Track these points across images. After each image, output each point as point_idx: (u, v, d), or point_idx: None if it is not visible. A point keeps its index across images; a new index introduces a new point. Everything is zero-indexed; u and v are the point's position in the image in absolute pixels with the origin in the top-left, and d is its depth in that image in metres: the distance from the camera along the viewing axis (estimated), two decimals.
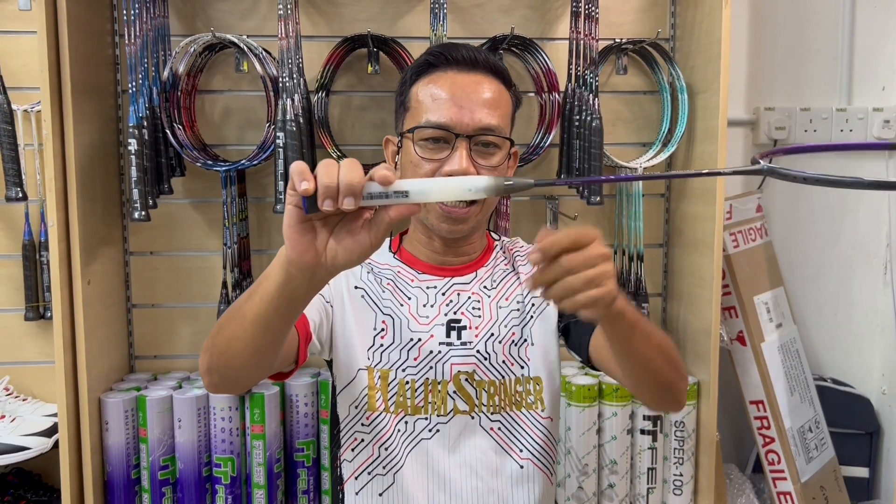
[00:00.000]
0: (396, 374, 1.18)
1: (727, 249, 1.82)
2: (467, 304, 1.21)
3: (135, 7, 1.51)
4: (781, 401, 1.81)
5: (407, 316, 1.20)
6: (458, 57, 1.16)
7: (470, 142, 1.12)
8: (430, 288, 1.22)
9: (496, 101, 1.15)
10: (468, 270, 1.24)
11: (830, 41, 2.01)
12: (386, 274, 1.24)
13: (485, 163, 1.14)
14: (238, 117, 1.79)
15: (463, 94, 1.13)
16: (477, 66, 1.16)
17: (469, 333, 1.19)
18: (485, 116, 1.13)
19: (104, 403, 1.62)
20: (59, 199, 1.50)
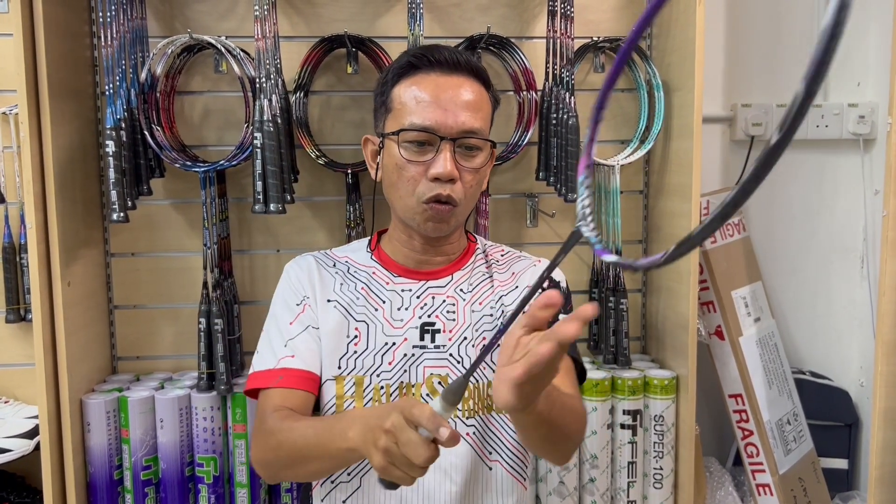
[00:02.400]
0: (371, 380, 1.19)
1: (705, 245, 1.84)
2: (442, 307, 1.22)
3: (111, 9, 1.51)
4: (760, 394, 1.83)
5: (381, 320, 1.21)
6: (441, 59, 1.17)
7: (454, 144, 1.14)
8: (405, 291, 1.23)
9: (478, 103, 1.17)
10: (444, 273, 1.25)
11: (806, 38, 2.03)
12: (361, 277, 1.25)
13: (468, 164, 1.16)
14: (218, 118, 1.79)
15: (446, 96, 1.14)
16: (458, 69, 1.17)
17: (443, 337, 1.20)
18: (468, 119, 1.14)
19: (86, 405, 1.62)
20: (38, 201, 1.50)
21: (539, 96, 1.76)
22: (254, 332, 1.81)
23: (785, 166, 2.05)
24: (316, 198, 1.82)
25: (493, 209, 1.83)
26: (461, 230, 1.28)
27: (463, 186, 1.16)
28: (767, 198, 2.06)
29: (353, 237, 1.71)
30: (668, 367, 1.79)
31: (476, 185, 1.19)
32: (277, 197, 1.53)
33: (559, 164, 1.68)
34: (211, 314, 1.63)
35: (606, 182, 1.80)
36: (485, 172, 1.21)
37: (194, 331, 1.67)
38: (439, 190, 1.14)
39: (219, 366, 1.63)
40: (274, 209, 1.52)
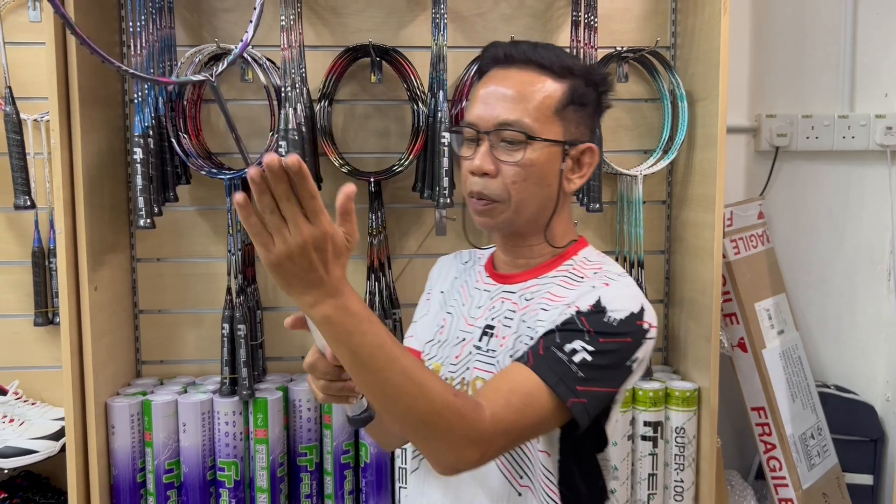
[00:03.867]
0: (444, 371, 1.18)
1: (728, 256, 1.83)
2: (504, 312, 1.16)
3: (141, 19, 1.54)
4: (783, 407, 1.81)
5: (461, 315, 1.20)
6: (497, 55, 1.13)
7: (491, 138, 1.09)
8: (485, 291, 1.20)
9: (523, 94, 1.09)
10: (519, 279, 1.17)
11: (832, 48, 2.01)
12: (471, 272, 1.25)
13: (507, 159, 1.09)
14: (243, 126, 1.81)
15: (490, 90, 1.11)
16: (513, 62, 1.12)
17: (496, 342, 1.15)
18: (503, 111, 1.08)
19: (110, 407, 1.64)
20: (67, 206, 1.53)
21: None
22: (277, 338, 1.84)
23: (811, 177, 2.04)
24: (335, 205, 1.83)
25: None
26: (542, 237, 1.16)
27: (504, 182, 1.09)
28: (792, 209, 2.04)
29: (375, 245, 1.72)
30: (690, 378, 1.77)
31: (523, 181, 1.09)
32: None
33: None
34: (234, 320, 1.65)
35: (629, 192, 1.80)
36: (540, 169, 1.10)
37: (217, 336, 1.69)
38: (474, 186, 1.11)
39: (241, 371, 1.64)
40: None
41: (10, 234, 1.80)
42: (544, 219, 1.13)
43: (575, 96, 1.11)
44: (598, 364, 1.00)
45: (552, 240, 1.15)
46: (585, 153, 1.13)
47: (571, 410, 0.98)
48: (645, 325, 1.05)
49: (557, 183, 1.11)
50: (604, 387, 1.02)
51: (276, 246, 0.80)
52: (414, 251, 1.87)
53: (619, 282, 1.09)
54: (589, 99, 1.13)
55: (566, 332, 1.02)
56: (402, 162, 1.73)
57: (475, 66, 1.75)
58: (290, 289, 0.83)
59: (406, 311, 1.82)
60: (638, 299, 1.07)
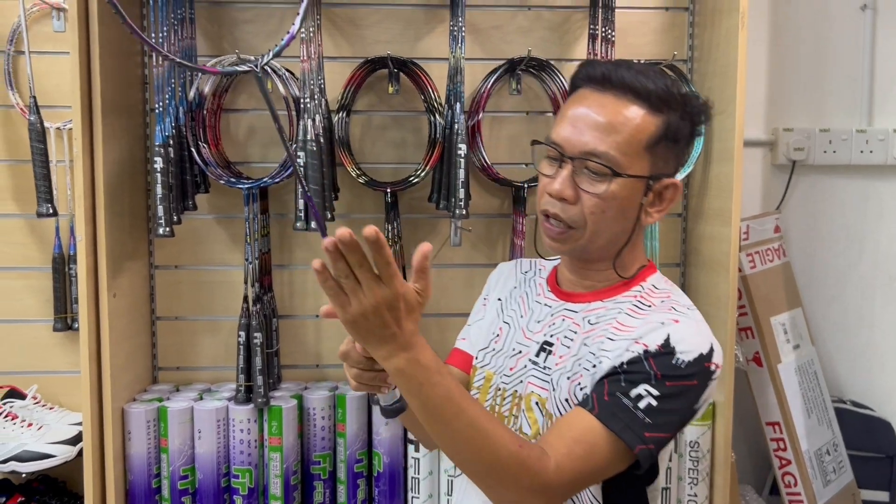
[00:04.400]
0: (497, 380, 1.18)
1: (744, 270, 1.82)
2: (564, 331, 1.14)
3: (163, 30, 1.56)
4: (798, 422, 1.80)
5: (519, 327, 1.19)
6: (594, 74, 1.09)
7: (575, 165, 1.06)
8: (546, 306, 1.18)
9: (616, 125, 1.05)
10: (584, 299, 1.15)
11: (850, 62, 2.01)
12: (531, 283, 1.24)
13: (589, 189, 1.06)
14: (262, 135, 1.83)
15: (580, 113, 1.07)
16: (609, 85, 1.07)
17: (553, 360, 1.13)
18: (592, 140, 1.05)
19: (127, 413, 1.66)
20: (88, 214, 1.55)
21: None
22: (291, 346, 1.85)
23: (828, 191, 2.03)
24: (355, 215, 1.85)
25: (530, 229, 1.83)
26: (609, 266, 1.13)
27: (583, 210, 1.06)
28: (809, 223, 2.03)
29: None
30: None
31: (602, 213, 1.06)
32: None
33: None
34: (251, 328, 1.66)
35: None
36: (621, 203, 1.07)
37: (233, 343, 1.70)
38: (549, 207, 1.08)
39: (256, 379, 1.66)
40: (314, 227, 1.55)
41: (32, 239, 1.83)
42: (616, 249, 1.11)
43: (669, 132, 1.07)
44: (663, 409, 0.99)
45: (621, 268, 1.12)
46: (668, 188, 1.10)
47: (638, 457, 0.98)
48: (712, 366, 1.03)
49: (636, 216, 1.09)
50: (669, 431, 1.01)
51: (351, 306, 0.85)
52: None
53: (688, 317, 1.06)
54: (682, 134, 1.10)
55: (632, 374, 1.00)
56: (419, 173, 1.74)
57: (492, 77, 1.76)
58: (366, 343, 0.90)
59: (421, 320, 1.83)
60: (707, 338, 1.04)
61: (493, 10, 1.84)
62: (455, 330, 1.90)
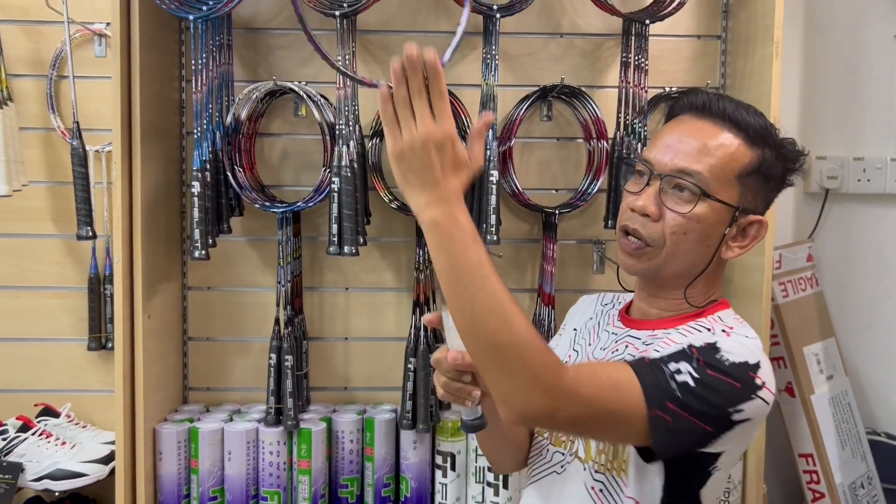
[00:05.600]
0: None
1: (776, 299, 1.81)
2: (625, 356, 1.11)
3: (202, 56, 1.59)
4: (832, 455, 1.78)
5: (586, 355, 1.19)
6: (695, 102, 1.10)
7: (663, 182, 1.06)
8: (613, 334, 1.18)
9: (710, 148, 1.05)
10: (647, 327, 1.14)
11: (884, 90, 1.99)
12: (607, 312, 1.24)
13: (675, 207, 1.05)
14: (295, 160, 1.85)
15: (676, 136, 1.08)
16: (708, 113, 1.08)
17: None
18: (683, 159, 1.05)
19: (159, 433, 1.67)
20: (125, 236, 1.58)
21: (610, 145, 1.77)
22: (321, 368, 1.86)
23: (861, 220, 2.01)
24: (385, 238, 1.86)
25: (560, 255, 1.83)
26: (680, 290, 1.10)
27: (664, 228, 1.05)
28: (842, 252, 2.01)
29: (422, 280, 1.74)
30: None
31: (683, 234, 1.05)
32: (351, 239, 1.57)
33: None
34: (282, 350, 1.67)
35: None
36: (704, 227, 1.05)
37: (264, 364, 1.71)
38: (630, 222, 1.08)
39: (286, 401, 1.66)
40: (348, 251, 1.57)
41: (69, 259, 1.86)
42: (690, 277, 1.09)
43: (762, 167, 1.07)
44: (698, 393, 0.95)
45: (691, 298, 1.10)
46: (754, 225, 1.09)
47: (651, 423, 0.94)
48: (759, 379, 0.99)
49: (716, 246, 1.07)
50: (696, 418, 0.96)
51: (402, 137, 0.87)
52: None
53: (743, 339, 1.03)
54: (775, 173, 1.09)
55: (673, 356, 0.98)
56: None
57: (524, 104, 1.77)
58: (406, 184, 0.89)
59: None
60: (757, 355, 1.01)
61: (525, 37, 1.85)
62: None
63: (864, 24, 1.99)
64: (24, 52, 1.83)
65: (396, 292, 1.87)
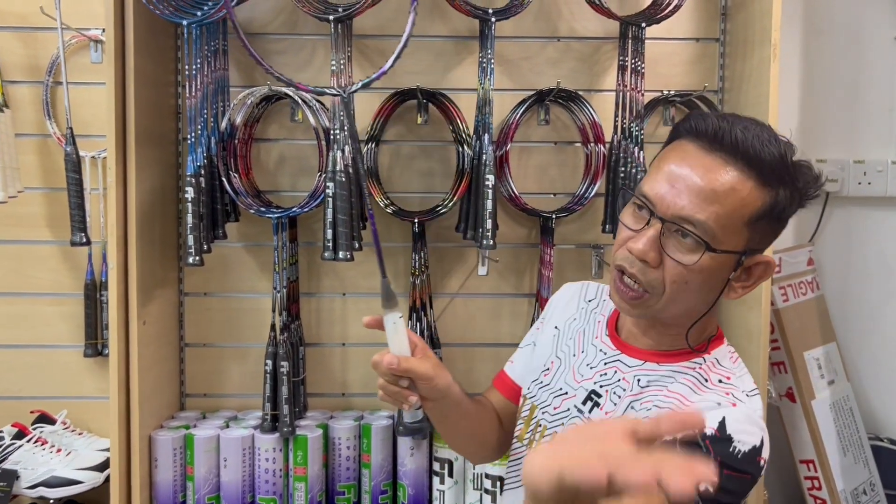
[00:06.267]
0: (539, 414, 1.15)
1: (776, 303, 1.79)
2: (616, 385, 1.07)
3: (196, 61, 1.58)
4: (833, 461, 1.76)
5: (570, 367, 1.14)
6: (704, 129, 0.98)
7: (664, 227, 0.97)
8: (601, 351, 1.12)
9: (718, 194, 0.95)
10: (639, 355, 1.09)
11: (886, 92, 1.98)
12: (591, 318, 1.18)
13: (675, 256, 0.97)
14: (292, 165, 1.85)
15: (682, 172, 0.97)
16: (718, 146, 0.97)
17: (598, 413, 1.07)
18: (689, 205, 0.95)
19: (154, 440, 1.66)
20: (120, 242, 1.57)
21: (607, 149, 1.75)
22: (318, 374, 1.85)
23: (863, 224, 1.99)
24: (383, 243, 1.84)
25: (559, 259, 1.82)
26: (680, 330, 1.05)
27: (664, 276, 0.98)
28: (843, 256, 1.99)
29: (417, 285, 1.73)
30: None
31: (686, 285, 0.98)
32: (346, 245, 1.57)
33: None
34: (277, 356, 1.67)
35: None
36: (706, 276, 0.98)
37: (261, 371, 1.71)
38: (627, 264, 1.00)
39: (282, 407, 1.65)
40: (342, 257, 1.56)
41: (65, 266, 1.86)
42: (691, 320, 1.03)
43: (775, 210, 0.98)
44: (716, 500, 0.88)
45: (690, 338, 1.04)
46: (759, 265, 1.02)
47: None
48: (762, 461, 0.96)
49: (720, 290, 1.01)
50: None
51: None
52: (455, 290, 1.87)
53: (746, 404, 0.99)
54: (789, 212, 1.00)
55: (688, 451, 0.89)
56: (447, 203, 1.74)
57: (521, 108, 1.76)
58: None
59: (447, 350, 1.82)
60: (760, 428, 0.97)
61: (522, 41, 1.85)
62: (482, 360, 1.90)
63: (864, 25, 1.97)
64: (20, 59, 1.83)
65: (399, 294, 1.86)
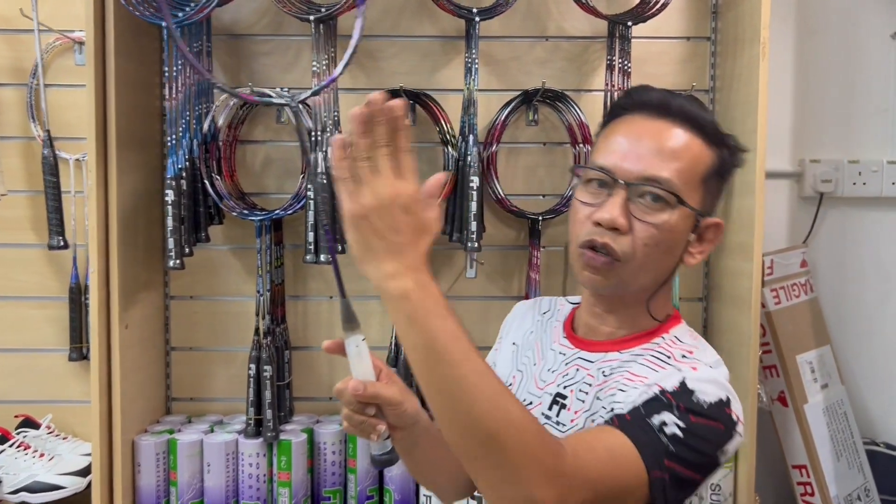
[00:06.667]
0: None
1: (768, 306, 1.76)
2: (579, 383, 1.05)
3: (177, 63, 1.57)
4: (826, 466, 1.73)
5: (531, 376, 1.11)
6: (648, 100, 1.03)
7: (630, 191, 0.98)
8: (561, 354, 1.10)
9: (676, 152, 0.99)
10: (599, 348, 1.07)
11: (881, 90, 1.95)
12: (547, 327, 1.16)
13: (645, 217, 0.98)
14: (278, 167, 1.83)
15: (637, 139, 1.00)
16: (667, 113, 1.01)
17: (567, 415, 1.05)
18: (652, 166, 0.98)
19: (137, 445, 1.65)
20: (101, 246, 1.56)
21: None
22: (305, 378, 1.84)
23: (858, 225, 1.96)
24: None
25: (546, 262, 1.80)
26: (640, 307, 1.05)
27: (633, 241, 0.98)
28: (838, 258, 1.96)
29: None
30: None
31: (655, 245, 0.99)
32: (328, 248, 1.55)
33: None
34: (261, 360, 1.65)
35: None
36: (674, 236, 1.00)
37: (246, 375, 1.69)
38: (596, 236, 0.98)
39: (266, 412, 1.64)
40: (325, 260, 1.54)
41: (50, 269, 1.85)
42: (653, 289, 1.04)
43: (722, 168, 1.03)
44: (688, 443, 0.88)
45: (653, 310, 1.04)
46: (711, 228, 1.04)
47: (651, 484, 0.85)
48: (733, 415, 0.94)
49: (680, 254, 1.02)
50: (688, 469, 0.89)
51: (363, 196, 0.77)
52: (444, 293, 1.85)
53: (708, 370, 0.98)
54: (730, 173, 1.05)
55: (652, 406, 0.91)
56: None
57: (507, 109, 1.74)
58: (367, 252, 0.78)
59: None
60: (725, 388, 0.95)
61: (511, 41, 1.83)
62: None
63: (860, 22, 1.94)
64: (4, 61, 1.82)
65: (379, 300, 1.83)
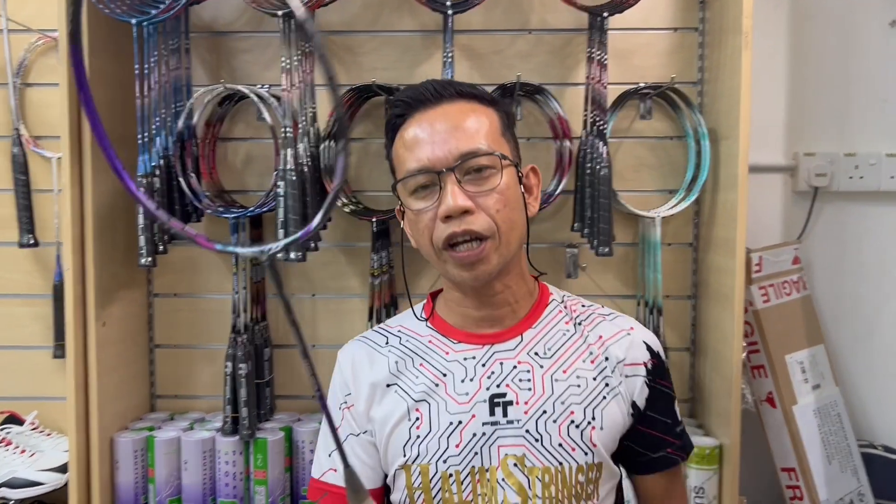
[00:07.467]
0: (437, 468, 1.03)
1: (756, 304, 1.71)
2: (512, 374, 1.05)
3: (150, 61, 1.56)
4: (816, 469, 1.67)
5: (443, 397, 1.06)
6: (419, 95, 1.07)
7: (457, 172, 1.01)
8: (468, 359, 1.07)
9: (471, 120, 1.04)
10: (511, 334, 1.08)
11: (879, 80, 1.88)
12: (418, 349, 1.11)
13: (484, 188, 1.02)
14: (259, 164, 1.82)
15: (432, 129, 1.03)
16: (441, 97, 1.06)
17: (516, 410, 1.03)
18: (461, 141, 1.02)
19: (115, 443, 1.66)
20: (76, 244, 1.57)
21: (575, 145, 1.70)
22: (286, 376, 1.83)
23: (855, 220, 1.89)
24: (350, 243, 1.82)
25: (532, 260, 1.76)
26: (521, 273, 1.10)
27: (488, 214, 1.01)
28: (835, 254, 1.90)
29: (377, 286, 1.69)
30: (714, 434, 1.66)
31: (507, 208, 1.02)
32: (299, 245, 1.53)
33: (592, 215, 1.61)
34: (236, 359, 1.64)
35: (647, 234, 1.71)
36: (513, 192, 1.04)
37: None
38: (453, 228, 1.00)
39: (241, 410, 1.63)
40: (294, 257, 1.53)
41: (37, 267, 1.86)
42: (521, 250, 1.10)
43: (507, 120, 1.11)
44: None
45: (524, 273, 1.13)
46: (530, 175, 1.13)
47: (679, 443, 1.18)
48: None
49: (524, 208, 1.08)
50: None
51: None
52: (426, 291, 1.83)
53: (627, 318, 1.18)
54: (514, 124, 1.15)
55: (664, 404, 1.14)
56: None
57: None
58: None
59: None
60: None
61: (493, 34, 1.79)
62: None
63: (857, 9, 1.87)
64: None
65: (362, 298, 1.82)
